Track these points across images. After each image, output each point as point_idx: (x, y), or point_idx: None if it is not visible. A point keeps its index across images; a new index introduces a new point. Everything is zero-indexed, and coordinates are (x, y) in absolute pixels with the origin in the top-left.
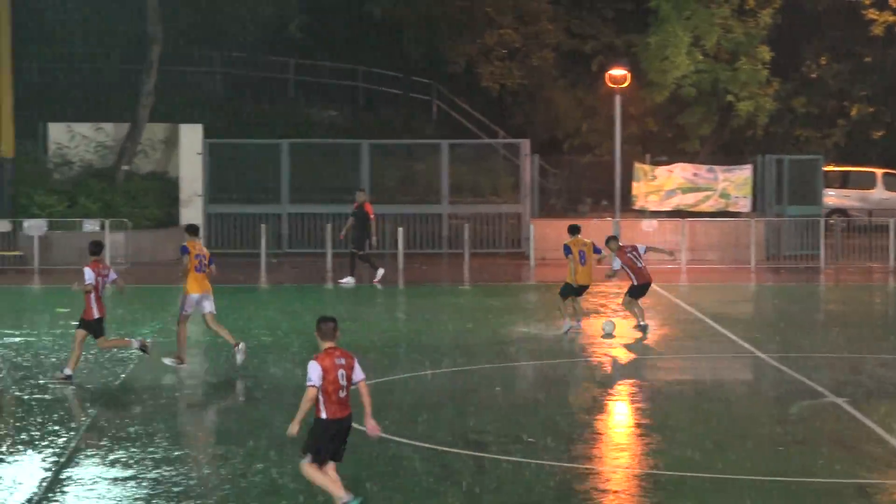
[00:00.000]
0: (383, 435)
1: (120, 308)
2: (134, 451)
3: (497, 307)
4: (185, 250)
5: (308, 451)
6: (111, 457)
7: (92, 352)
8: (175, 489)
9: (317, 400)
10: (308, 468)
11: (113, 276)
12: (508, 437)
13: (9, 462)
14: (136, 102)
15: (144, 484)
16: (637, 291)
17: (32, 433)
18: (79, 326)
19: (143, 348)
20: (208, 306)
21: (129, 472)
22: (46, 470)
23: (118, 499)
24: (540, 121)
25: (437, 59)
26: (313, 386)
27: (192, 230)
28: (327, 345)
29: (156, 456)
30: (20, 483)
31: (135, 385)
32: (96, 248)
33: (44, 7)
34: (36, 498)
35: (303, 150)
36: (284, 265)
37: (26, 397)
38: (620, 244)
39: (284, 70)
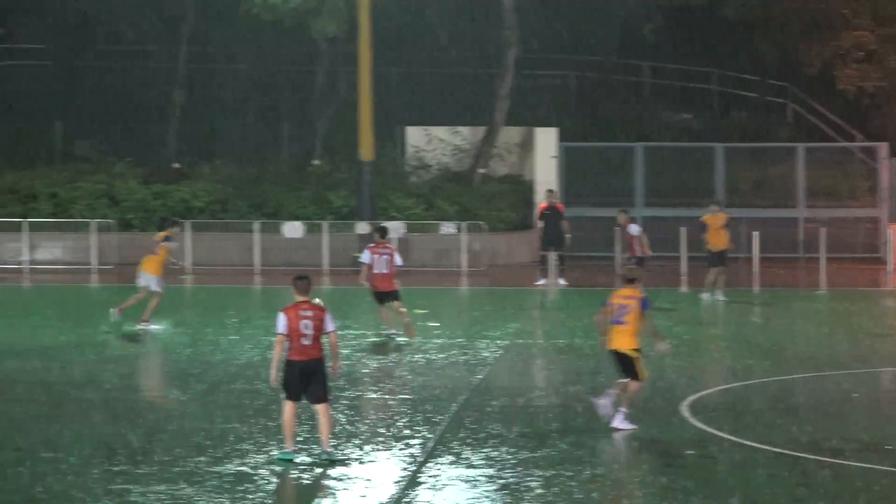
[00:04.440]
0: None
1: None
2: (491, 453)
3: (855, 312)
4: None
5: (283, 389)
6: (468, 458)
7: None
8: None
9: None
10: (284, 405)
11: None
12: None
13: (366, 461)
14: (492, 106)
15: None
16: None
17: (388, 433)
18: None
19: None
20: None
21: (487, 473)
22: (404, 470)
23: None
24: None
25: (792, 62)
26: (278, 334)
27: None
28: (300, 299)
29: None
30: (380, 483)
31: (493, 385)
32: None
33: (402, 12)
34: (396, 496)
35: (657, 153)
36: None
37: (387, 397)
38: None
39: (638, 73)
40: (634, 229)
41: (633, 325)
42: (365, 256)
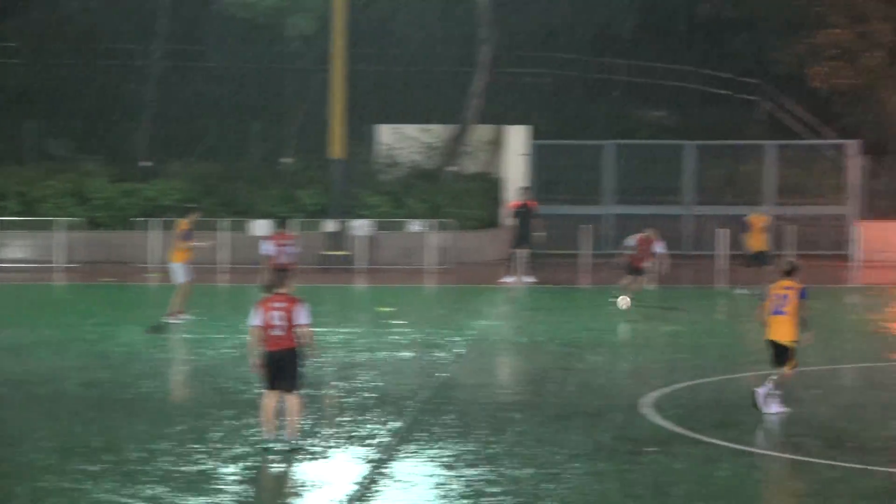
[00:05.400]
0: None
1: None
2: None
3: (821, 310)
4: None
5: (262, 379)
6: (430, 455)
7: (415, 350)
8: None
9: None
10: (264, 396)
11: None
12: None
13: (328, 458)
14: (465, 104)
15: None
16: None
17: (351, 431)
18: None
19: None
20: None
21: (450, 470)
22: (367, 467)
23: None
24: (869, 121)
25: (765, 59)
26: (252, 326)
27: None
28: (277, 291)
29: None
30: (338, 480)
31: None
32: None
33: (377, 10)
34: (358, 493)
35: (628, 151)
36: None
37: (343, 395)
38: None
39: (613, 71)
40: (659, 247)
41: (792, 315)
42: (268, 248)
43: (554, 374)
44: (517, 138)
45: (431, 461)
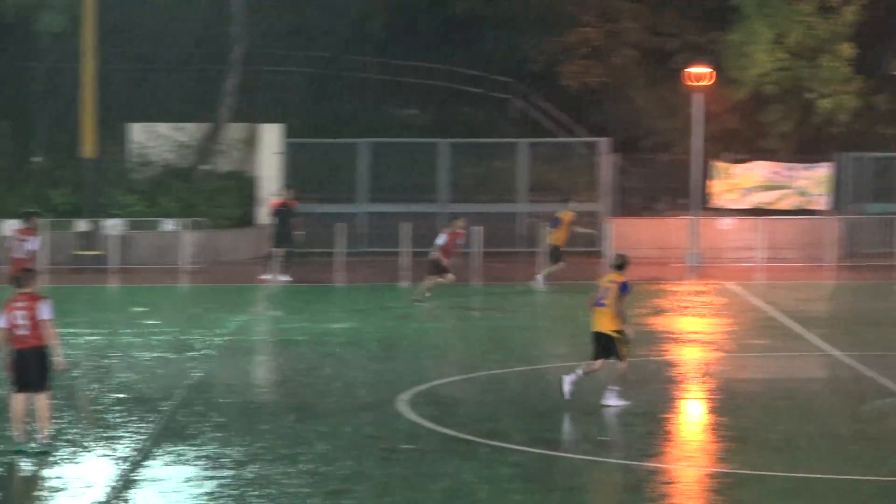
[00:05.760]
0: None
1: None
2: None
3: (575, 305)
4: None
5: (10, 381)
6: (186, 455)
7: (168, 350)
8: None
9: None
10: (12, 397)
11: None
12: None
13: (82, 461)
14: (218, 103)
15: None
16: None
17: (105, 432)
18: None
19: None
20: None
21: (204, 471)
22: (121, 468)
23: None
24: (619, 119)
25: (518, 58)
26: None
27: None
28: (21, 291)
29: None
30: (92, 482)
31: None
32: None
33: (129, 8)
34: (110, 496)
35: (382, 149)
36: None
37: (97, 395)
38: None
39: (367, 69)
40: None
41: (612, 307)
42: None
43: (310, 372)
44: (271, 137)
45: (187, 462)
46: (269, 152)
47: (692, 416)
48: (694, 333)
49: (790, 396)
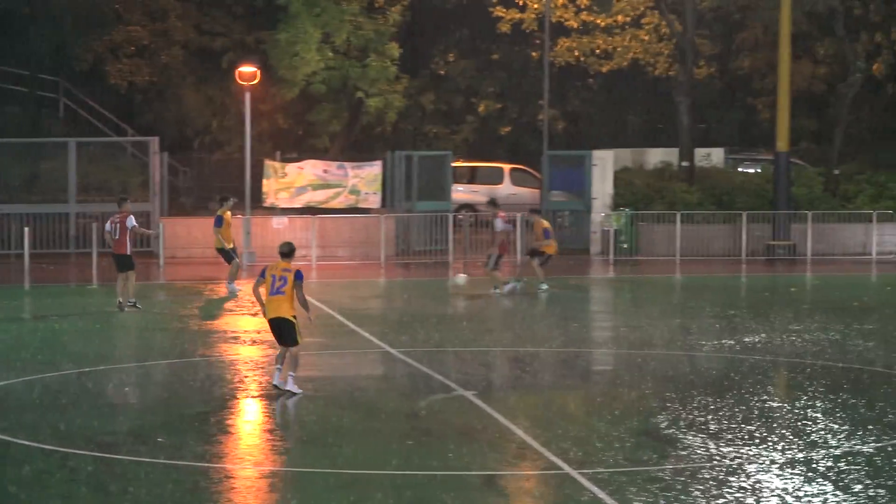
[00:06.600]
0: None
1: None
2: None
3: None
4: None
5: None
6: None
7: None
8: None
9: None
10: None
11: None
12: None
13: None
14: None
15: None
16: None
17: None
18: None
19: None
20: None
21: None
22: None
23: None
24: (169, 118)
25: (65, 56)
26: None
27: None
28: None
29: None
30: None
31: None
32: None
33: None
34: None
35: None
36: None
37: None
38: None
39: None
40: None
41: (289, 294)
42: None
43: None
44: None
45: None
46: None
47: (247, 416)
48: (255, 333)
49: (346, 393)
